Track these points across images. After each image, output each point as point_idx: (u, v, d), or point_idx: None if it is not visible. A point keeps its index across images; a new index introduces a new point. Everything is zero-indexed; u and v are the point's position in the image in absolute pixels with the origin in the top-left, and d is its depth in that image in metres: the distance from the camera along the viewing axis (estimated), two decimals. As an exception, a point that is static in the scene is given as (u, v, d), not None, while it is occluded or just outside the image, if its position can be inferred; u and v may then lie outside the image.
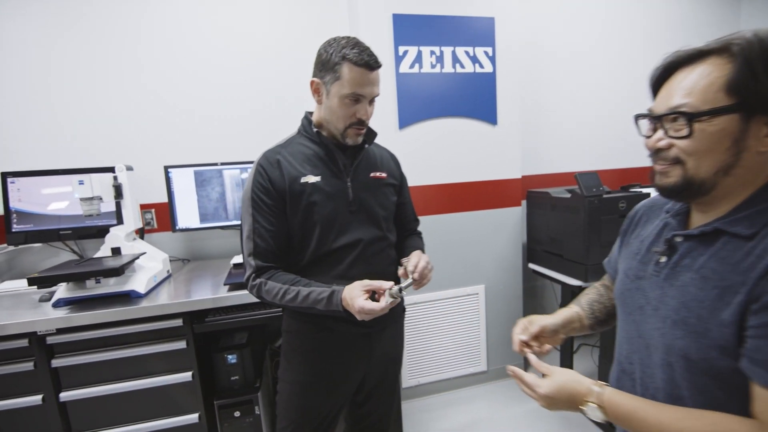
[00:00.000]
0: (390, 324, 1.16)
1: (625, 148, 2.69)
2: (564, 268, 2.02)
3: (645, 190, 1.96)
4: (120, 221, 1.69)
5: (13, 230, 1.71)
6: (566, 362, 2.18)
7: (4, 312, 1.39)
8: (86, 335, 1.39)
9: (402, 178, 1.23)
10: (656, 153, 0.63)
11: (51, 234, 1.75)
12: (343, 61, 0.94)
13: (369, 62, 0.95)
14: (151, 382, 1.46)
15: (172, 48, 1.97)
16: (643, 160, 2.67)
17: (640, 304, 0.69)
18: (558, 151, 2.56)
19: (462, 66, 1.99)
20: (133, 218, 1.68)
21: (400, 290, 0.94)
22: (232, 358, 1.63)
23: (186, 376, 1.49)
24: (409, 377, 2.16)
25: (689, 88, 0.58)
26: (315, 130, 1.04)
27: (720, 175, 0.58)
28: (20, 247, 1.83)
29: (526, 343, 0.82)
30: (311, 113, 1.09)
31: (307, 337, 1.09)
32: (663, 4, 2.63)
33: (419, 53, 1.92)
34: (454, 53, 1.97)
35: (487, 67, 2.03)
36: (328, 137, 1.05)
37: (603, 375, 1.87)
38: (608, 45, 2.57)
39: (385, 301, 0.91)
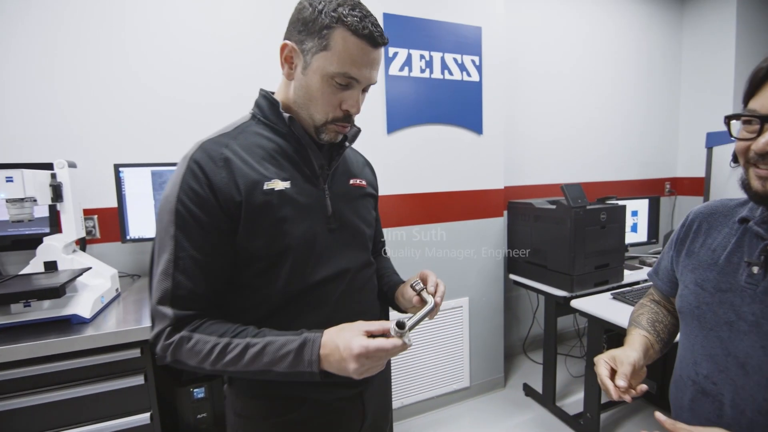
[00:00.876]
0: (381, 373, 0.89)
1: (591, 163, 2.83)
2: (548, 279, 2.02)
3: (621, 202, 2.04)
4: (56, 229, 1.38)
5: None
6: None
7: None
8: (10, 374, 1.08)
9: (377, 190, 0.97)
10: (763, 157, 0.58)
11: (-44, 245, 1.39)
12: (337, 24, 0.65)
13: (373, 34, 0.67)
14: (98, 428, 1.17)
15: (126, 18, 1.65)
16: (606, 175, 2.76)
17: (729, 318, 0.64)
18: (532, 164, 2.61)
19: (450, 73, 1.95)
20: (74, 225, 1.37)
21: (417, 322, 0.68)
22: (199, 392, 1.38)
23: (143, 418, 1.22)
24: (392, 399, 2.01)
25: None
26: (286, 115, 0.73)
27: None
28: None
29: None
30: (271, 93, 0.79)
31: (277, 422, 0.75)
32: (625, 28, 2.85)
33: (409, 56, 1.84)
34: (443, 59, 1.92)
35: (474, 76, 2.01)
36: (300, 127, 0.76)
37: (587, 386, 1.87)
38: (585, 67, 2.72)
39: (398, 340, 0.63)
